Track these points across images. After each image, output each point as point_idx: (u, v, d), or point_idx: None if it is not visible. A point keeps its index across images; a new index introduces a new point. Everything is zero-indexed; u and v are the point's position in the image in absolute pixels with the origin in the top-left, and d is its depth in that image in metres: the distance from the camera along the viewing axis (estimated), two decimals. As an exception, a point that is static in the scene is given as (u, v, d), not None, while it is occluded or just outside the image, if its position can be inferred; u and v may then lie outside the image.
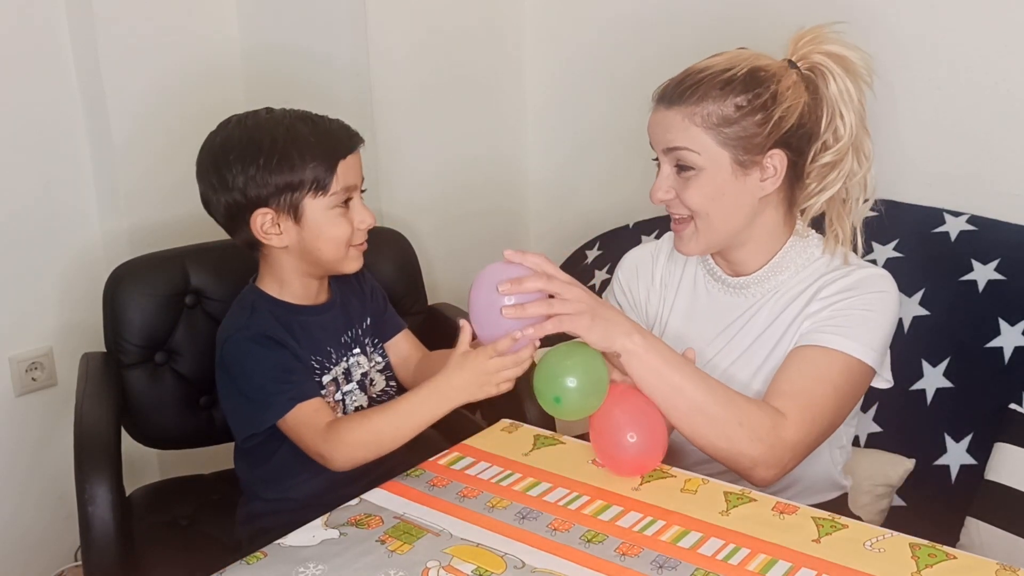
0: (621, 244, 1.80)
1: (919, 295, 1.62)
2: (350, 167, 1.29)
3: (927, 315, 1.60)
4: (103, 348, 1.64)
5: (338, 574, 0.98)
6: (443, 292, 2.11)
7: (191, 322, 1.63)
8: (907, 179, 1.73)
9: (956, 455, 1.53)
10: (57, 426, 1.99)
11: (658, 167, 1.27)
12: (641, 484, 1.14)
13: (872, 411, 1.61)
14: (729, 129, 1.21)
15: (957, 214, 1.66)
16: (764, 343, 1.29)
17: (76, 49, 1.93)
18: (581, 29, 2.25)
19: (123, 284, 1.60)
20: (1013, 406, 1.48)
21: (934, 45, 1.70)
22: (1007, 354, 1.51)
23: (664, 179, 1.26)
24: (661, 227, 1.87)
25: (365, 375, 1.40)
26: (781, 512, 1.07)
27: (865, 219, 1.31)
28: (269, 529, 1.17)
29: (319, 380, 1.32)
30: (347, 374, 1.37)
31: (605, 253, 2.04)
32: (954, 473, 1.53)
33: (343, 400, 1.36)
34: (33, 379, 2.00)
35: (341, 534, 1.05)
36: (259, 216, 1.27)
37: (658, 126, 1.26)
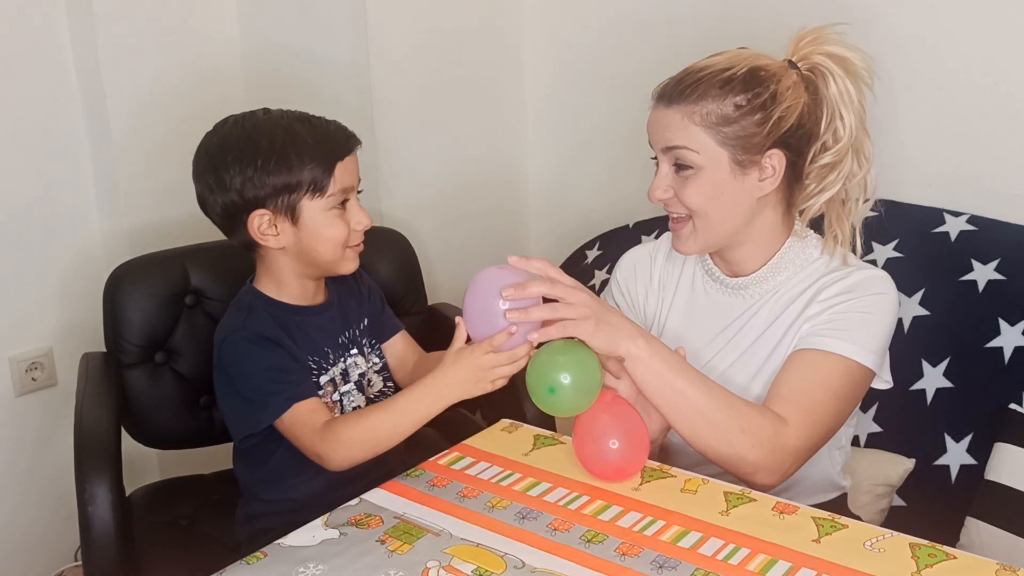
0: (621, 244, 1.79)
1: (919, 295, 1.61)
2: (347, 168, 1.29)
3: (927, 315, 1.60)
4: (103, 348, 1.64)
5: (338, 574, 0.98)
6: (443, 292, 2.11)
7: (191, 322, 1.63)
8: (907, 179, 1.72)
9: (956, 455, 1.53)
10: (57, 426, 1.99)
11: (657, 166, 1.27)
12: (641, 484, 1.14)
13: (872, 411, 1.61)
14: (728, 128, 1.21)
15: (957, 214, 1.66)
16: (763, 345, 1.29)
17: (76, 48, 1.93)
18: (581, 29, 2.25)
19: (123, 284, 1.60)
20: (1013, 406, 1.47)
21: (934, 45, 1.70)
22: (1007, 354, 1.51)
23: (663, 178, 1.26)
24: (661, 227, 1.87)
25: (363, 376, 1.40)
26: (781, 512, 1.07)
27: (865, 219, 1.31)
28: (269, 529, 1.17)
29: (316, 381, 1.32)
30: (344, 375, 1.37)
31: (605, 253, 2.04)
32: (954, 473, 1.53)
33: (341, 401, 1.36)
34: (33, 379, 2.00)
35: (341, 534, 1.05)
36: (256, 217, 1.27)
37: (657, 125, 1.26)
